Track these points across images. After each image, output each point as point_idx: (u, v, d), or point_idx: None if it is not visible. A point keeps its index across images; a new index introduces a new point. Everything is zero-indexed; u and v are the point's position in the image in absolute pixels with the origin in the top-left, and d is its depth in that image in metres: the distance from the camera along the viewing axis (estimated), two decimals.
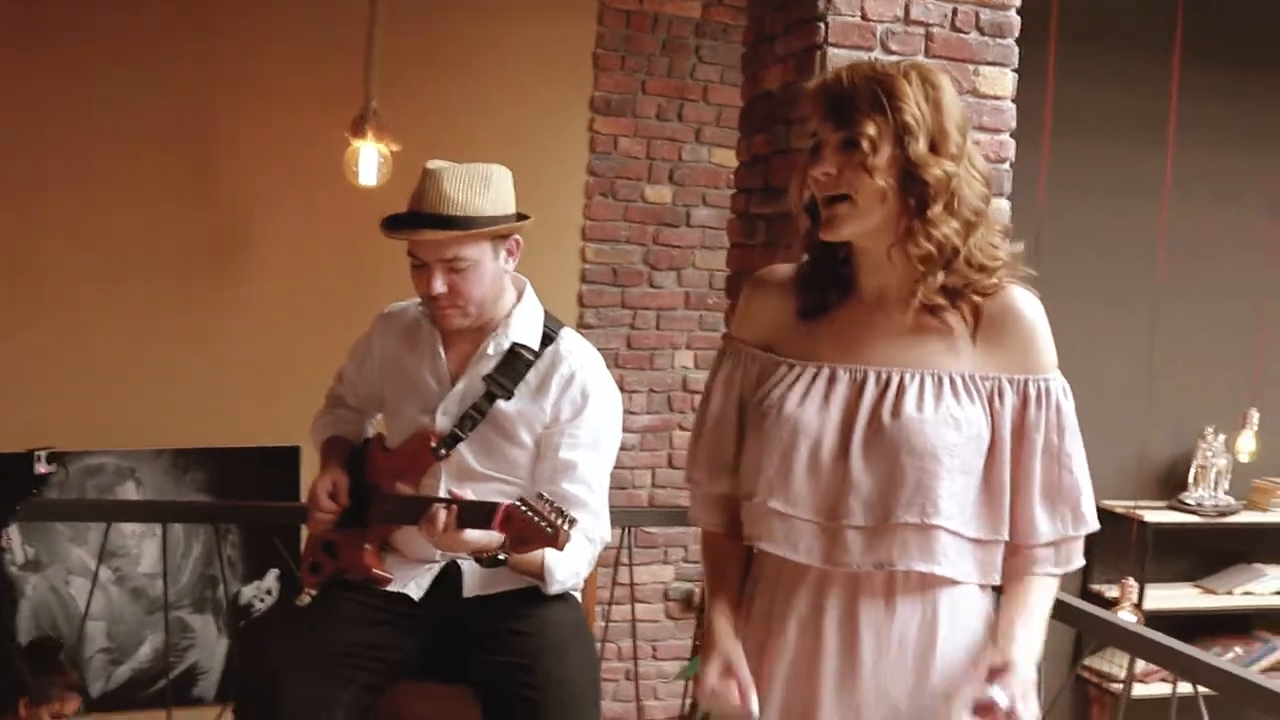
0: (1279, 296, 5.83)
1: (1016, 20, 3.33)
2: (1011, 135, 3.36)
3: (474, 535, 2.35)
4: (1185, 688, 2.76)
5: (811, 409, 1.85)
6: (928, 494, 1.79)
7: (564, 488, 2.55)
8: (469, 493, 2.47)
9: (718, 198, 5.53)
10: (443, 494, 2.58)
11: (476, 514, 2.35)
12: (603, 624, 4.07)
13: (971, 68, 3.30)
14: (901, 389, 1.83)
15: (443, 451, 2.59)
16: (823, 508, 1.84)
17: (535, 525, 2.26)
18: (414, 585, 2.62)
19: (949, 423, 1.80)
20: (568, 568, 2.52)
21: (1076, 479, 1.90)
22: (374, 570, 2.61)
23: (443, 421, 2.63)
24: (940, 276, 1.83)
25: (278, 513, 3.88)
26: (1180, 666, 2.72)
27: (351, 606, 2.58)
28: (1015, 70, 3.34)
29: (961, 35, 3.28)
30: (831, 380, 1.87)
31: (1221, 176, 5.75)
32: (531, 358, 2.63)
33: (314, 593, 2.72)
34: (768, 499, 1.86)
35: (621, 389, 5.02)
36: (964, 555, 1.84)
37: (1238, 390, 5.76)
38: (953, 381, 1.83)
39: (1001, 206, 3.35)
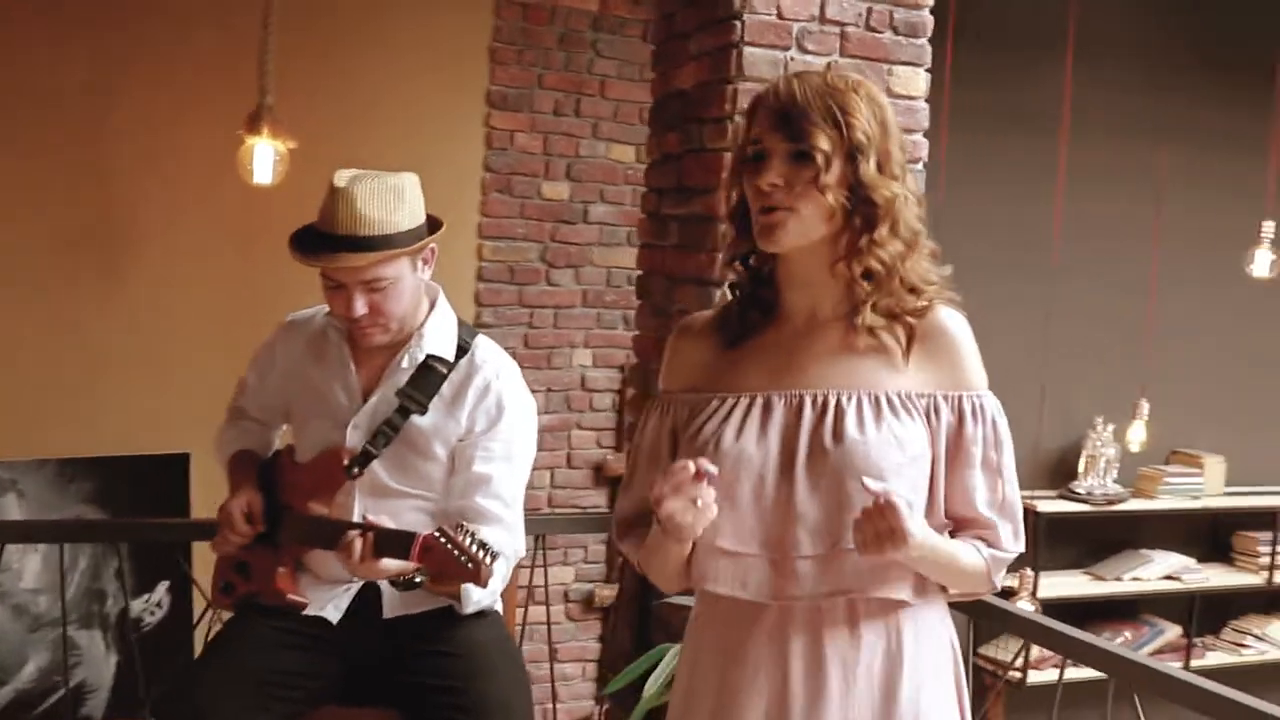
0: (1167, 289, 5.95)
1: (930, 20, 3.32)
2: (925, 135, 3.36)
3: (391, 564, 2.26)
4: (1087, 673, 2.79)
5: (750, 441, 1.80)
6: None
7: (478, 502, 2.47)
8: (385, 517, 2.36)
9: (615, 194, 5.49)
10: (357, 513, 2.48)
11: (394, 543, 2.25)
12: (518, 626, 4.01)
13: (886, 67, 3.29)
14: (840, 410, 1.78)
15: (355, 470, 2.49)
16: (769, 541, 1.78)
17: (455, 559, 2.17)
18: (332, 608, 2.52)
19: (892, 443, 1.76)
20: (485, 588, 2.44)
21: (1017, 495, 1.88)
22: (290, 595, 2.50)
23: (354, 437, 2.52)
24: (878, 298, 1.81)
25: (181, 529, 3.72)
26: (1073, 652, 2.75)
27: (268, 631, 2.48)
28: (928, 70, 3.34)
29: (876, 35, 3.26)
30: (767, 408, 1.81)
31: (1113, 169, 5.85)
32: (445, 370, 2.54)
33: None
34: (714, 538, 1.79)
35: None
36: (894, 572, 1.79)
37: (1127, 381, 5.87)
38: (890, 400, 1.79)
39: None
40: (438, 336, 2.56)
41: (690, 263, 3.30)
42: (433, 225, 2.53)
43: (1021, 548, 1.89)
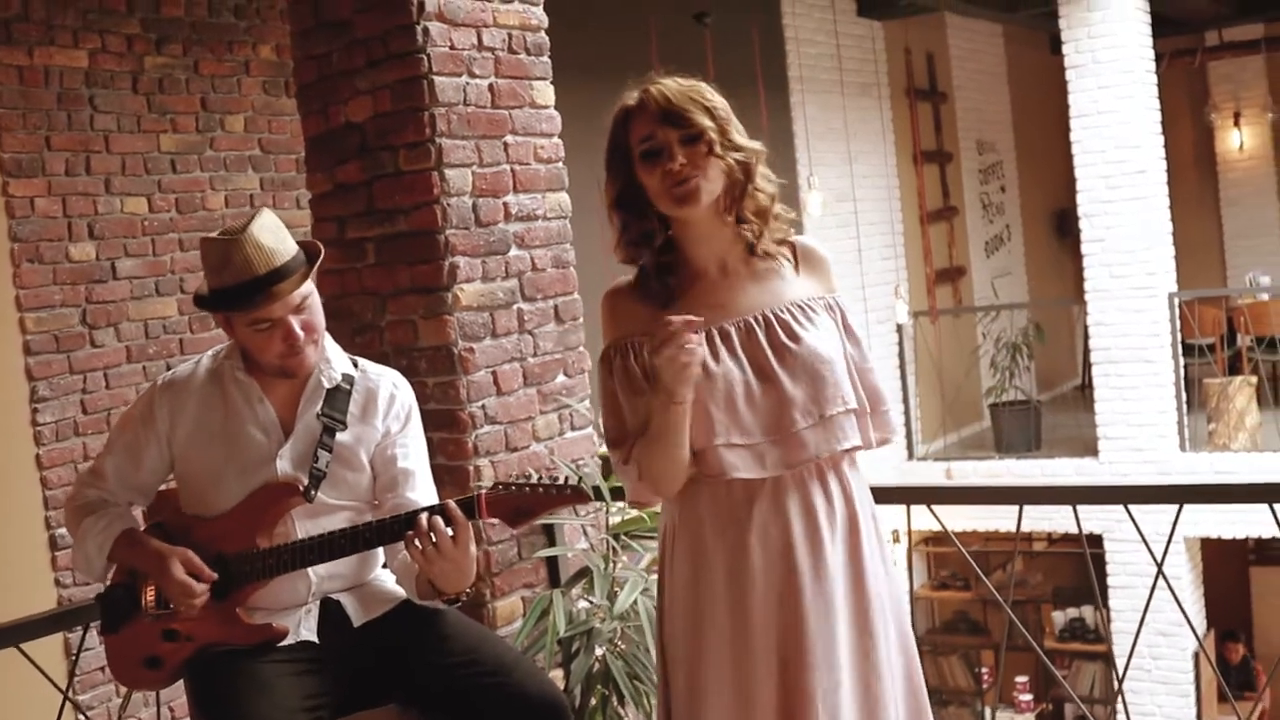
0: None
1: (546, 40, 3.87)
2: (559, 138, 3.90)
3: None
4: None
5: (727, 361, 2.30)
6: (841, 389, 2.32)
7: (408, 496, 2.70)
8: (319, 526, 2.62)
9: (138, 247, 5.46)
10: (300, 534, 2.63)
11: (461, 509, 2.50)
12: None
13: (529, 83, 3.80)
14: (783, 322, 2.32)
15: (313, 493, 2.63)
16: (769, 426, 2.29)
17: (540, 497, 2.49)
18: (304, 630, 2.64)
19: (827, 333, 2.35)
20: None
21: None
22: (273, 625, 2.60)
23: (284, 468, 2.66)
24: (765, 229, 2.38)
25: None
26: None
27: (266, 667, 2.54)
28: (551, 83, 3.88)
29: (518, 56, 3.76)
30: (724, 335, 2.32)
31: None
32: (349, 386, 2.74)
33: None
34: (728, 439, 2.28)
35: (88, 456, 4.88)
36: (856, 427, 2.37)
37: None
38: (808, 307, 2.37)
39: (562, 200, 3.89)
40: (338, 358, 2.77)
41: (404, 275, 3.63)
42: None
43: None
